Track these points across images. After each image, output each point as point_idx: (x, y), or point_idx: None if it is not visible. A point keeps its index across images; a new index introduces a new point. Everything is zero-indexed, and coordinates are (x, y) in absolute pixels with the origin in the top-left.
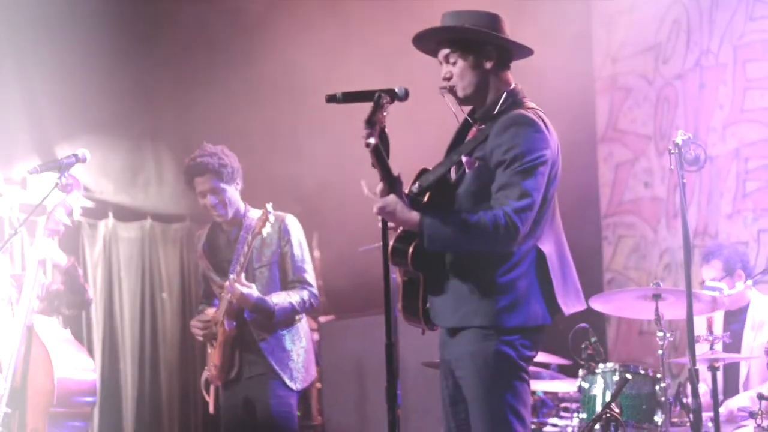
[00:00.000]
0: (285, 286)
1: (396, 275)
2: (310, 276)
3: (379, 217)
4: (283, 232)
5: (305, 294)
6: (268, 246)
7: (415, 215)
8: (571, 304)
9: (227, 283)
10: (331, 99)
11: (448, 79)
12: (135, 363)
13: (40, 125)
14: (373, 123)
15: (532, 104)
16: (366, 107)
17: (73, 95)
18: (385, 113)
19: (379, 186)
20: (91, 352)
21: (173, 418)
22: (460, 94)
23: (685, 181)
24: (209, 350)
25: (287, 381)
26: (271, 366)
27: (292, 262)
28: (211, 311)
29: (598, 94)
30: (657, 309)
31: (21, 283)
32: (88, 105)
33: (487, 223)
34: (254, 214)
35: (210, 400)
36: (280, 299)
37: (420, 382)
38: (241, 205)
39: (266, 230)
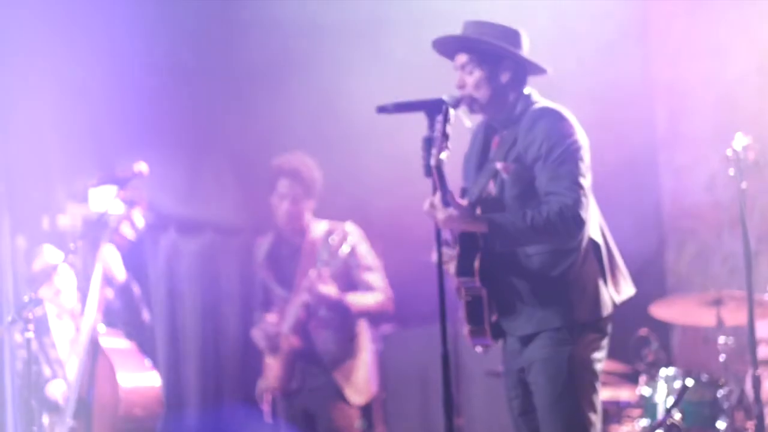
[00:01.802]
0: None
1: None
2: (380, 280)
3: (436, 227)
4: (347, 244)
5: (380, 296)
6: (333, 259)
7: (483, 217)
8: (622, 291)
9: (306, 281)
10: (382, 110)
11: (462, 87)
12: (199, 377)
13: (101, 139)
14: (446, 136)
15: (549, 102)
16: (415, 117)
17: (133, 110)
18: (451, 123)
19: (436, 197)
20: (154, 365)
21: None
22: (475, 102)
23: (744, 185)
24: (268, 360)
25: (350, 395)
26: (332, 379)
27: (358, 270)
28: (272, 319)
29: (657, 98)
30: (718, 314)
31: (85, 296)
32: (149, 119)
33: (554, 215)
34: (318, 226)
35: (266, 409)
36: (356, 300)
37: (484, 390)
38: (307, 216)
39: (345, 250)
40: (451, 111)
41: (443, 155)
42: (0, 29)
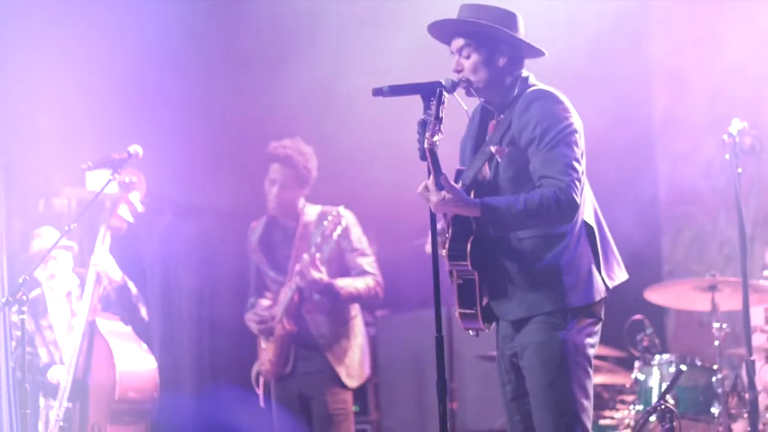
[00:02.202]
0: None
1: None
2: (372, 266)
3: (430, 212)
4: (341, 228)
5: (370, 281)
6: (327, 244)
7: (476, 201)
8: (614, 276)
9: (299, 265)
10: (378, 93)
11: (459, 71)
12: (194, 361)
13: (97, 123)
14: (440, 119)
15: (545, 86)
16: (411, 100)
17: (129, 93)
18: (445, 106)
19: (430, 180)
20: (150, 348)
21: None
22: (472, 86)
23: (740, 170)
24: (263, 344)
25: (343, 378)
26: (327, 362)
27: (352, 255)
28: (265, 304)
29: (655, 85)
30: (713, 300)
31: (83, 280)
32: (144, 103)
33: (548, 198)
34: (312, 210)
35: (260, 393)
36: (346, 284)
37: (477, 375)
38: (300, 201)
39: (337, 233)
40: (445, 94)
41: (436, 138)
42: None
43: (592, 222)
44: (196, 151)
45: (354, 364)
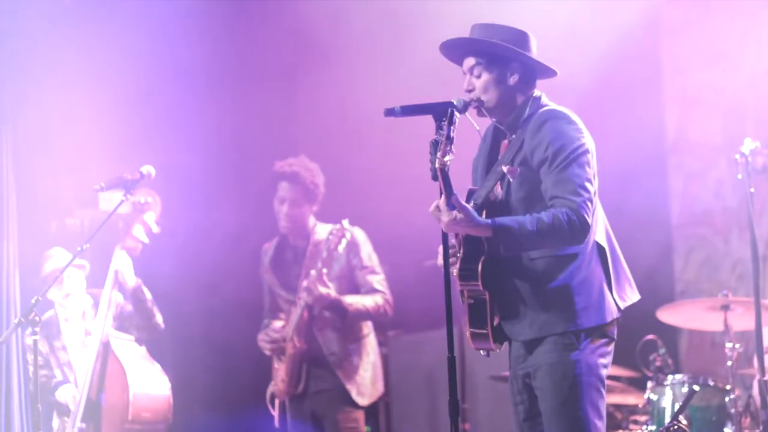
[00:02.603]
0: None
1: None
2: (382, 284)
3: (442, 230)
4: (350, 245)
5: (379, 298)
6: (336, 260)
7: (487, 222)
8: (626, 296)
9: (305, 281)
10: (390, 113)
11: (470, 90)
12: (208, 380)
13: (110, 144)
14: (451, 140)
15: (557, 106)
16: (422, 120)
17: (141, 115)
18: (456, 127)
19: (442, 200)
20: (164, 369)
21: None
22: (483, 106)
23: (752, 190)
24: (276, 365)
25: (354, 396)
26: (338, 381)
27: (362, 272)
28: (278, 325)
29: (667, 104)
30: (726, 320)
31: (97, 300)
32: (157, 124)
33: (559, 219)
34: (322, 229)
35: (275, 414)
36: (354, 301)
37: (490, 395)
38: (311, 220)
39: (342, 246)
40: (457, 115)
41: (447, 159)
42: (8, 36)
43: (603, 242)
44: (210, 171)
45: (365, 382)
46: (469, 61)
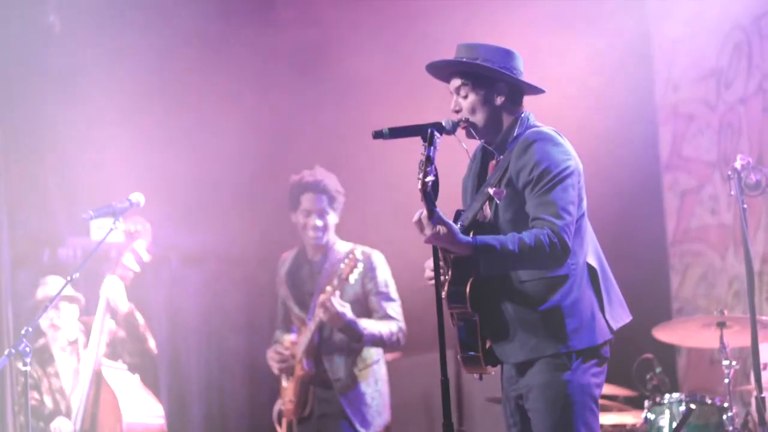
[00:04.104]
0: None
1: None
2: (396, 312)
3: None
4: (368, 269)
5: (394, 326)
6: (350, 286)
7: (468, 239)
8: (618, 317)
9: (322, 297)
10: (378, 135)
11: (458, 111)
12: (203, 408)
13: (102, 172)
14: (431, 161)
15: (545, 126)
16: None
17: (133, 141)
18: (437, 148)
19: (423, 212)
20: (158, 398)
21: None
22: (471, 126)
23: (745, 206)
24: (284, 383)
25: (357, 426)
26: (342, 408)
27: (377, 298)
28: (288, 340)
29: (660, 122)
30: (722, 337)
31: (89, 328)
32: (149, 150)
33: (540, 240)
34: (341, 246)
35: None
36: (369, 325)
37: (487, 417)
38: (331, 236)
39: (354, 277)
40: (437, 136)
41: (429, 179)
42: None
43: (594, 264)
44: (201, 197)
45: (370, 411)
46: (456, 82)
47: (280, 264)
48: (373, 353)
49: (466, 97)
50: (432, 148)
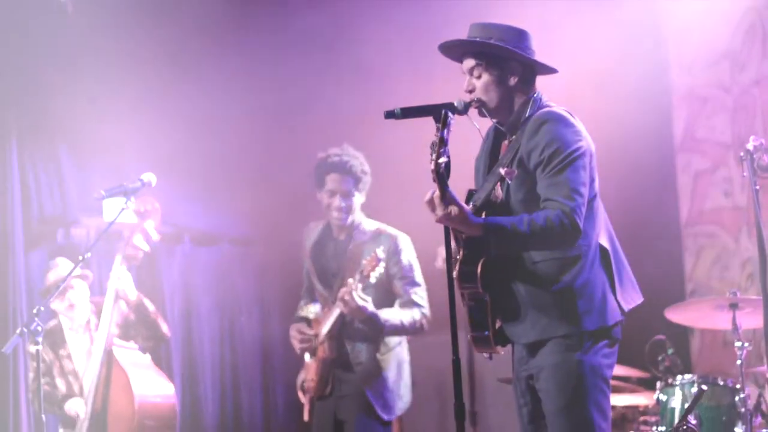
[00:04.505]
0: (393, 305)
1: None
2: (421, 297)
3: (445, 229)
4: (393, 253)
5: (416, 313)
6: (364, 282)
7: (479, 220)
8: (629, 299)
9: (343, 290)
10: (390, 115)
11: (471, 91)
12: (215, 388)
13: (115, 152)
14: (444, 142)
15: (557, 107)
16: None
17: (146, 123)
18: (451, 129)
19: (435, 191)
20: (170, 378)
21: None
22: (484, 106)
23: (758, 188)
24: (307, 359)
25: (378, 410)
26: (363, 392)
27: (401, 282)
28: (313, 312)
29: (674, 104)
30: (734, 318)
31: (100, 309)
32: (162, 132)
33: (551, 221)
34: (367, 225)
35: (306, 405)
36: (391, 316)
37: (499, 398)
38: (357, 214)
39: (375, 275)
40: (451, 116)
41: (442, 160)
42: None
43: (606, 245)
44: (214, 178)
45: (392, 396)
46: (469, 62)
47: (306, 234)
48: (396, 336)
49: (479, 77)
50: (446, 129)
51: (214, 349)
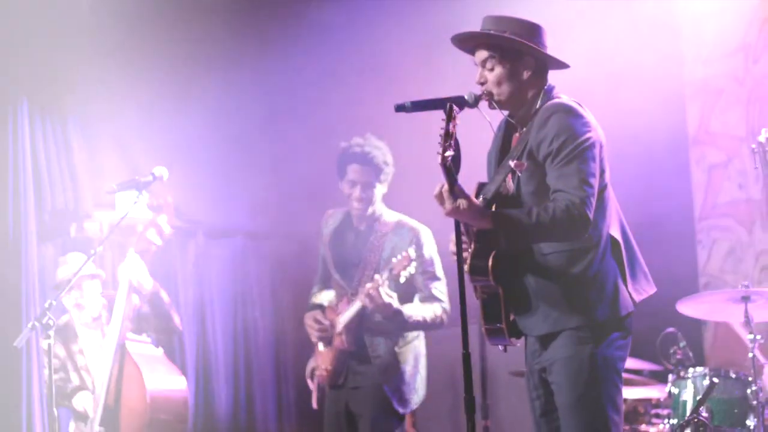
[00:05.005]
0: (413, 299)
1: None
2: (441, 292)
3: (454, 229)
4: (415, 246)
5: (438, 309)
6: (392, 280)
7: (488, 212)
8: (641, 290)
9: (369, 285)
10: (400, 108)
11: (483, 83)
12: (228, 381)
13: (128, 146)
14: (450, 135)
15: (566, 98)
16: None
17: (160, 116)
18: (457, 122)
19: (444, 185)
20: (183, 372)
21: None
22: (495, 99)
23: None
24: (321, 348)
25: (396, 405)
26: (380, 385)
27: (423, 277)
28: (327, 300)
29: (688, 96)
30: (746, 311)
31: (112, 303)
32: (175, 125)
33: (561, 213)
34: (389, 217)
35: (314, 391)
36: (414, 312)
37: (511, 390)
38: (379, 205)
39: (405, 275)
40: (456, 110)
41: (448, 154)
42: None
43: (617, 236)
44: (228, 172)
45: (408, 389)
46: (482, 54)
47: (324, 221)
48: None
49: (491, 69)
50: (451, 122)
51: (227, 343)
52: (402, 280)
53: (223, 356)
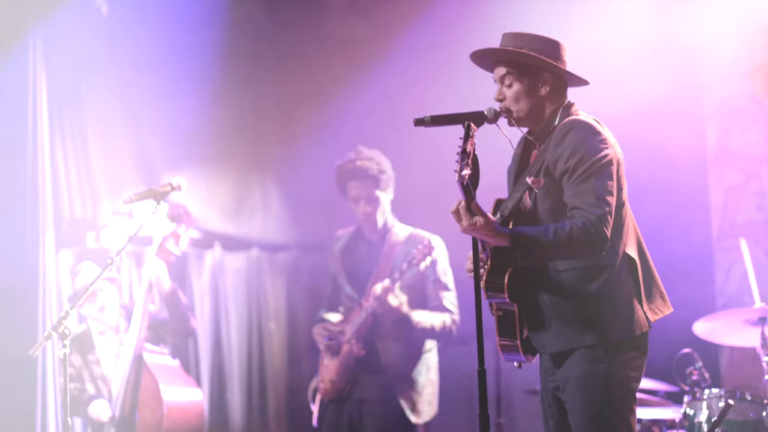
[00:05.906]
0: (424, 308)
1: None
2: (452, 303)
3: (473, 239)
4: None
5: (448, 318)
6: (411, 270)
7: (505, 229)
8: (656, 310)
9: (380, 288)
10: (420, 123)
11: (501, 100)
12: (243, 393)
13: (147, 157)
14: (468, 154)
15: (584, 115)
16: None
17: (178, 128)
18: (475, 141)
19: (461, 203)
20: (199, 382)
21: None
22: (513, 116)
23: None
24: (326, 362)
25: (408, 413)
26: (389, 393)
27: (435, 286)
28: (334, 319)
29: (707, 116)
30: (763, 332)
31: (130, 313)
32: (194, 137)
33: (577, 231)
34: (401, 230)
35: (315, 411)
36: (422, 318)
37: (527, 409)
38: (389, 217)
39: (425, 264)
40: (473, 128)
41: (465, 173)
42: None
43: (634, 254)
44: (245, 184)
45: (421, 399)
46: (500, 71)
47: (335, 240)
48: (427, 342)
49: (510, 85)
50: (469, 141)
51: (242, 355)
52: (422, 267)
53: (238, 367)
